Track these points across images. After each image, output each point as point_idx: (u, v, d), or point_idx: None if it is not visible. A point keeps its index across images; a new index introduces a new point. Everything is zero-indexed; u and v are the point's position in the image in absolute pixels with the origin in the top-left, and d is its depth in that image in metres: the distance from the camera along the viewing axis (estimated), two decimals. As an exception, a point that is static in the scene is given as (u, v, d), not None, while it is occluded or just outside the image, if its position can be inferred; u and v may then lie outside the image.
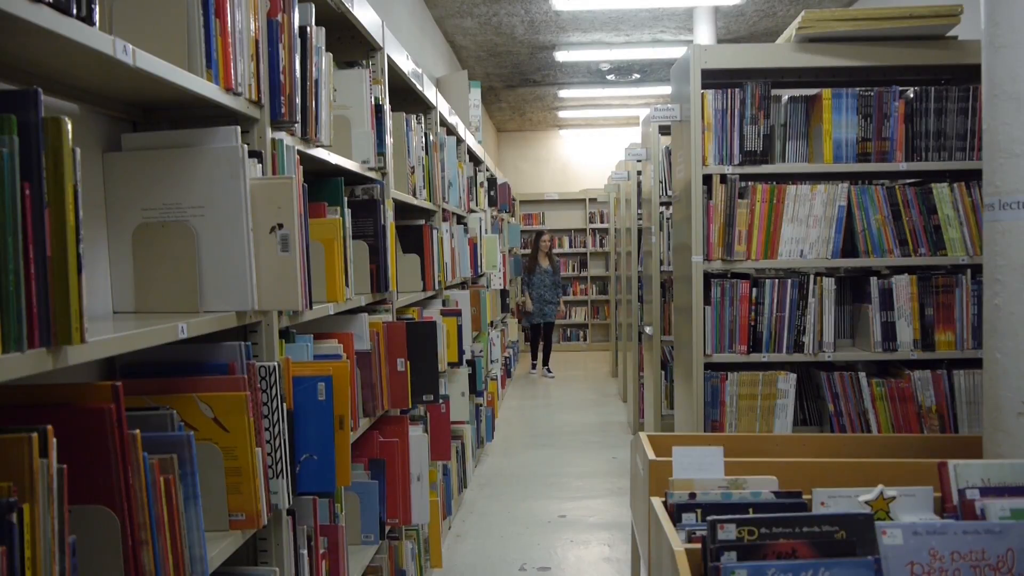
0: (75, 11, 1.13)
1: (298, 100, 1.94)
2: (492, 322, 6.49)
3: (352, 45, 2.75)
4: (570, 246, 12.41)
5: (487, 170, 6.71)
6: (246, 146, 1.63)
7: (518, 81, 9.61)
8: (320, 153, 2.15)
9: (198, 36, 1.52)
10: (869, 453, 2.72)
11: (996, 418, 2.09)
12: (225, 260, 1.62)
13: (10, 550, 0.96)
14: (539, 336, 9.40)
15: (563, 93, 10.18)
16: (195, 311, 1.60)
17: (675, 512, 1.88)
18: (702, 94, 3.17)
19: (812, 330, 3.19)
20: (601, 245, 12.29)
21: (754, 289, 3.21)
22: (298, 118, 1.94)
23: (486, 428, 5.77)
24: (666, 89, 9.92)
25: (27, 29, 1.07)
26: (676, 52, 7.83)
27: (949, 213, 3.15)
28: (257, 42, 1.75)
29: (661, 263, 5.22)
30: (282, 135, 1.88)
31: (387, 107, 2.83)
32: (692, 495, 1.93)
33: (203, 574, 1.41)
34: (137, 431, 1.25)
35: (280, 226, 1.67)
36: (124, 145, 1.68)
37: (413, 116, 3.35)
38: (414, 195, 3.33)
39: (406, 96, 3.70)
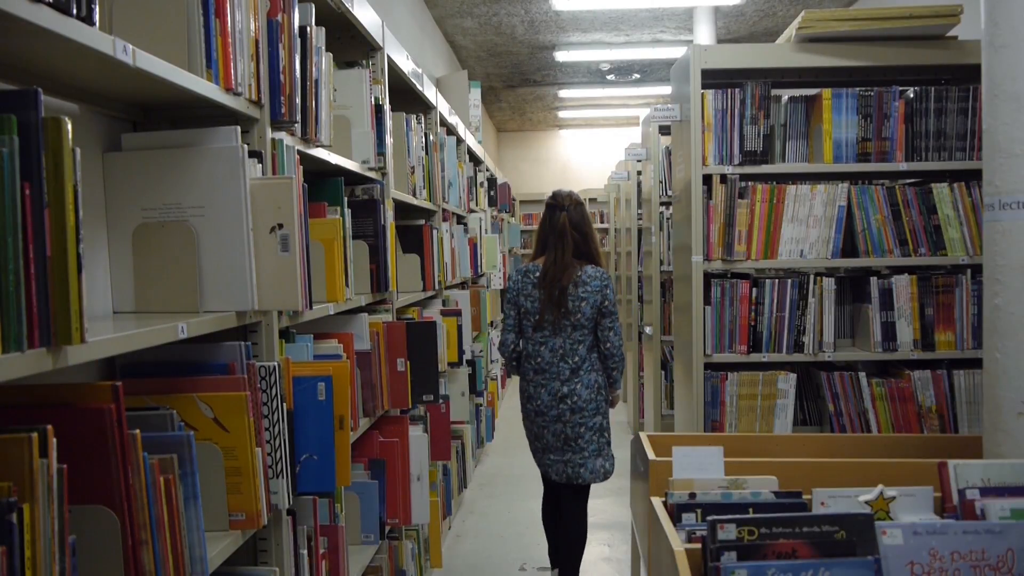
0: (75, 11, 1.13)
1: (298, 100, 1.94)
2: (492, 322, 6.49)
3: (352, 45, 2.75)
4: (570, 246, 12.38)
5: (487, 170, 6.71)
6: (246, 146, 1.64)
7: (518, 81, 9.61)
8: (320, 153, 2.15)
9: (198, 36, 1.52)
10: (869, 453, 2.71)
11: (996, 418, 2.09)
12: (225, 260, 1.62)
13: (10, 550, 0.96)
14: None
15: (563, 93, 10.18)
16: (195, 311, 1.60)
17: (675, 512, 1.88)
18: (702, 94, 3.17)
19: (812, 330, 3.19)
20: (601, 245, 12.25)
21: (754, 289, 3.21)
22: (298, 118, 1.94)
23: (486, 428, 5.77)
24: (666, 89, 9.92)
25: (27, 29, 1.07)
26: (676, 52, 7.83)
27: (949, 213, 3.15)
28: (257, 42, 1.75)
29: (661, 263, 5.22)
30: (282, 135, 1.88)
31: (387, 107, 2.83)
32: (692, 495, 1.93)
33: (203, 574, 1.41)
34: (137, 431, 1.25)
35: (280, 226, 1.67)
36: (124, 145, 1.68)
37: (413, 116, 3.35)
38: (414, 195, 3.33)
39: (406, 96, 3.69)
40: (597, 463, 3.27)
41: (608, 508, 4.69)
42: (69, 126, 1.06)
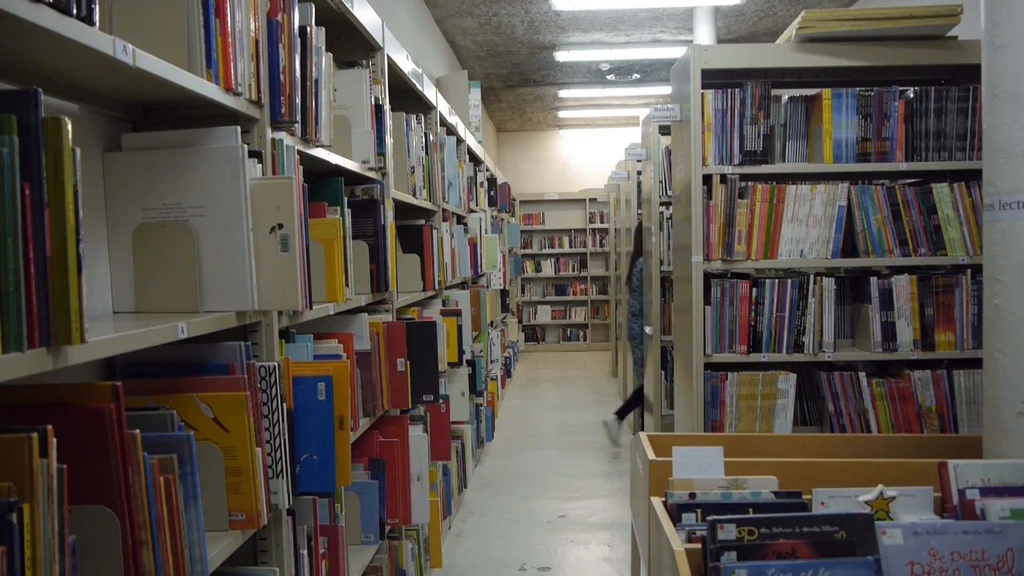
0: (75, 11, 1.13)
1: (298, 100, 1.94)
2: (492, 322, 6.49)
3: (352, 45, 2.75)
4: (570, 246, 12.41)
5: (487, 170, 6.70)
6: (246, 146, 1.64)
7: (518, 81, 9.60)
8: (320, 153, 2.15)
9: (198, 36, 1.52)
10: (869, 453, 2.71)
11: (996, 418, 2.09)
12: (225, 260, 1.62)
13: (10, 550, 0.96)
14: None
15: (563, 93, 10.18)
16: (195, 311, 1.60)
17: (675, 512, 1.88)
18: (702, 94, 3.17)
19: (812, 330, 3.19)
20: (601, 245, 12.29)
21: (754, 289, 3.20)
22: (298, 118, 1.94)
23: (486, 428, 5.77)
24: (666, 89, 9.91)
25: (27, 29, 1.07)
26: (676, 52, 7.83)
27: (949, 213, 3.14)
28: (257, 42, 1.75)
29: (661, 263, 5.22)
30: (282, 135, 1.88)
31: (387, 107, 2.83)
32: (692, 495, 1.93)
33: (203, 574, 1.41)
34: (137, 431, 1.25)
35: (280, 226, 1.67)
36: (124, 145, 1.68)
37: (413, 116, 3.35)
38: (414, 195, 3.33)
39: (406, 96, 3.69)
40: None
41: (608, 508, 4.69)
42: (69, 126, 1.06)
